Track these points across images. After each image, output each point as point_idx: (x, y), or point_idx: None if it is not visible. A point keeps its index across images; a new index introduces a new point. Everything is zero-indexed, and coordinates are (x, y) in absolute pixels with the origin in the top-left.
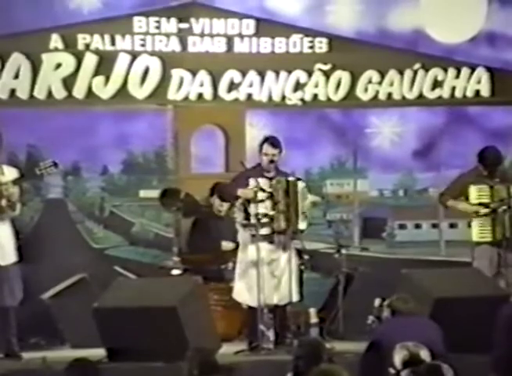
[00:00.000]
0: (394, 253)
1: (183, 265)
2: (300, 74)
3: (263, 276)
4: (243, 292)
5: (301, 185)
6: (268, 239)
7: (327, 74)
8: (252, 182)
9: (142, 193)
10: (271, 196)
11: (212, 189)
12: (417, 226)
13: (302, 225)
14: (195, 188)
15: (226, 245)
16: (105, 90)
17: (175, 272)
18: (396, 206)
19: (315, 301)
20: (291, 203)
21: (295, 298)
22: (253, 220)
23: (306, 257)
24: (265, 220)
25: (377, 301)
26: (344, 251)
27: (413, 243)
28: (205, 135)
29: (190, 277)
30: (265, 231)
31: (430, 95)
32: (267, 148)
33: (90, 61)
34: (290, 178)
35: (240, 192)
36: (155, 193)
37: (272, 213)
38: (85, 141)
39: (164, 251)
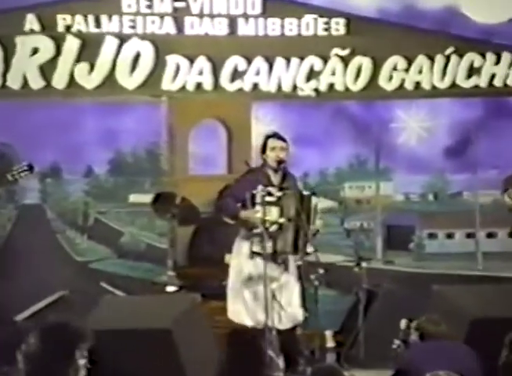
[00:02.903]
0: (422, 267)
1: (179, 280)
2: (314, 61)
3: (260, 294)
4: (241, 312)
5: (314, 201)
6: (269, 258)
7: (345, 61)
8: (258, 190)
9: (132, 198)
10: (278, 200)
11: (221, 192)
12: (450, 236)
13: (310, 248)
14: (193, 192)
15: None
16: (89, 79)
17: (170, 288)
18: (425, 212)
19: (331, 323)
20: (302, 223)
21: (300, 317)
22: (260, 229)
23: (321, 271)
24: (274, 228)
25: (404, 323)
26: (364, 265)
27: (445, 255)
28: (205, 131)
29: (187, 295)
30: (268, 249)
31: (465, 84)
32: (273, 141)
33: (71, 46)
34: (305, 193)
35: (243, 214)
36: (147, 198)
37: (282, 220)
38: (67, 138)
39: (158, 265)
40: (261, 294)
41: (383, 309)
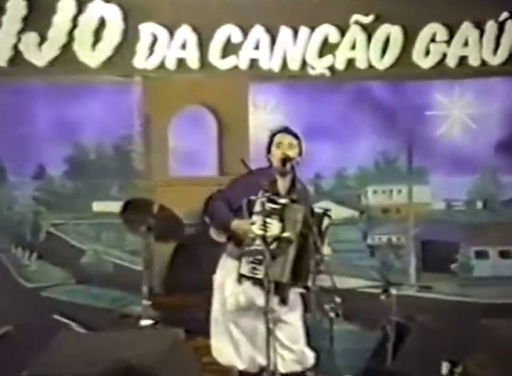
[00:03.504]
0: (469, 295)
1: (157, 311)
2: (328, 31)
3: (251, 329)
4: (228, 351)
5: (325, 222)
6: (263, 284)
7: (368, 31)
8: (258, 195)
9: (97, 207)
10: (282, 210)
11: (207, 202)
12: (504, 255)
13: (311, 281)
14: (174, 199)
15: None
16: (39, 54)
17: (145, 322)
18: (472, 224)
19: (351, 365)
20: (307, 249)
21: (310, 358)
22: (258, 245)
23: (338, 300)
24: (275, 245)
25: (445, 367)
26: (394, 292)
27: (498, 279)
28: (189, 122)
29: (167, 330)
30: (260, 273)
31: None
32: (280, 137)
33: (16, 9)
34: (316, 211)
35: (235, 225)
36: (115, 206)
37: (286, 235)
38: (11, 129)
39: (129, 292)
40: (251, 329)
41: (417, 349)
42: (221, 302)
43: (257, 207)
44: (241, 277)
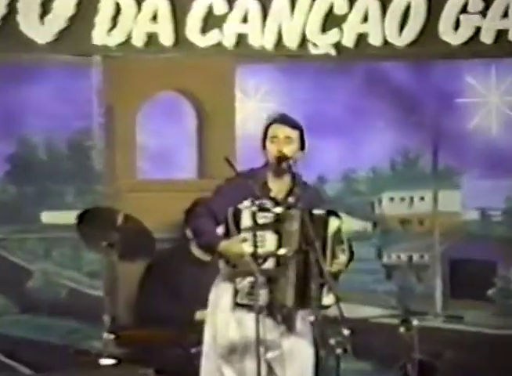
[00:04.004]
0: (509, 326)
1: (121, 347)
2: None
3: (250, 373)
4: None
5: (334, 224)
6: (263, 311)
7: None
8: (246, 204)
9: (47, 217)
10: (276, 221)
11: (188, 211)
12: None
13: (328, 299)
14: (144, 207)
15: (202, 316)
16: None
17: (106, 361)
18: None
19: None
20: (310, 261)
21: None
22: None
23: (346, 332)
24: (268, 265)
25: None
26: (416, 323)
27: None
28: (162, 112)
29: (134, 371)
30: (261, 299)
31: None
32: (275, 128)
33: None
34: (316, 212)
35: (223, 247)
36: (70, 217)
37: (283, 252)
38: None
39: (87, 323)
40: (247, 369)
41: None
42: (213, 335)
43: (246, 219)
44: (236, 305)
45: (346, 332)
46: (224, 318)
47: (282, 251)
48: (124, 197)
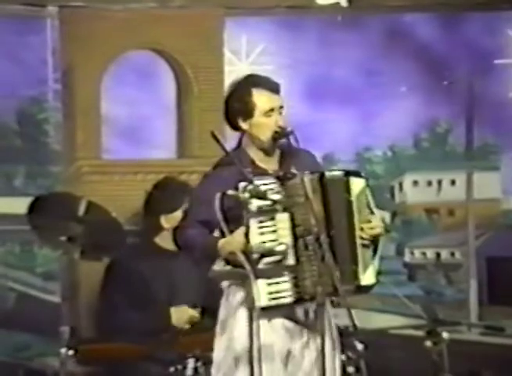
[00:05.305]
0: None
1: (83, 365)
2: None
3: None
4: None
5: (357, 184)
6: (284, 311)
7: None
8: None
9: None
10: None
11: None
12: None
13: (368, 277)
14: (111, 192)
15: (182, 317)
16: None
17: None
18: None
19: None
20: (335, 231)
21: None
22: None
23: (359, 346)
24: (271, 259)
25: None
26: (445, 335)
27: None
28: (133, 76)
29: None
30: (286, 297)
31: None
32: (268, 98)
33: None
34: (329, 174)
35: (221, 244)
36: (19, 205)
37: (285, 240)
38: None
39: (41, 336)
40: None
41: None
42: (227, 341)
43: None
44: (262, 311)
45: (359, 346)
46: (239, 323)
47: (285, 240)
48: (86, 180)
